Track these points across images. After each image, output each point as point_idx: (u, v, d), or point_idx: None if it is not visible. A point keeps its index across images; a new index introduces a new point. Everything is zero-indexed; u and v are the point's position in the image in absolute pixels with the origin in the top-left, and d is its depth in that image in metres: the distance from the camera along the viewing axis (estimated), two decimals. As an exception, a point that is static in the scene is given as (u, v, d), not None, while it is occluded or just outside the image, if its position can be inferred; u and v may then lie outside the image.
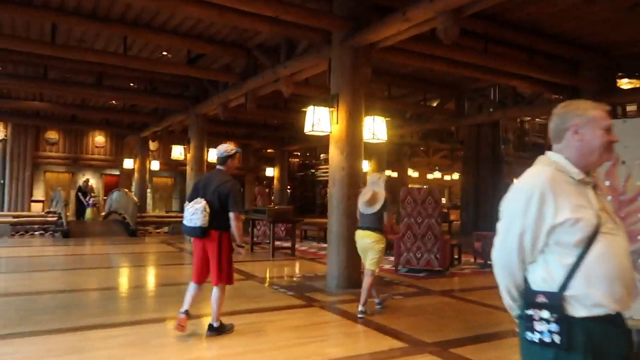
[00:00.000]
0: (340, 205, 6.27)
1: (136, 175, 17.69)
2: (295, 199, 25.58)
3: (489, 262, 8.62)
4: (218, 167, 4.10)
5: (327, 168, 26.05)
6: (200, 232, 3.86)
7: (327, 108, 6.22)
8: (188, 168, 12.33)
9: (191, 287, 4.12)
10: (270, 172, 21.60)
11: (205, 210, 3.82)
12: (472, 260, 9.15)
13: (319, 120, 6.17)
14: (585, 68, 8.82)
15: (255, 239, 10.49)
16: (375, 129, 6.68)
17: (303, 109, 6.14)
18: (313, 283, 6.55)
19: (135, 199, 13.71)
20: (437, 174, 29.87)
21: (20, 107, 15.11)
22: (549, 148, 1.62)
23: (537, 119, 27.65)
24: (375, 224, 4.77)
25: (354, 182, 6.33)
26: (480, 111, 12.26)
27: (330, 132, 6.32)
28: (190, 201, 3.95)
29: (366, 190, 4.95)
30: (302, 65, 7.47)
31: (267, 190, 15.27)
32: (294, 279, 7.03)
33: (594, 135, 1.50)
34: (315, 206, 27.19)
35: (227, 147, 4.11)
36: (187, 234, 3.97)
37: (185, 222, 3.91)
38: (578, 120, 1.52)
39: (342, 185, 6.29)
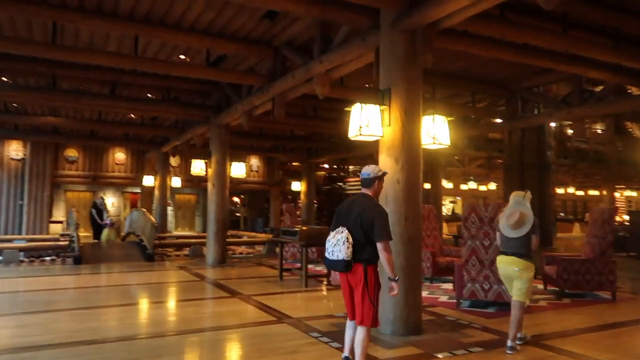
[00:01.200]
0: (396, 229, 4.93)
1: (156, 192, 16.75)
2: (322, 214, 24.32)
3: (566, 290, 7.20)
4: (363, 190, 3.71)
5: (356, 180, 24.93)
6: (344, 266, 3.47)
7: (377, 106, 4.93)
8: (209, 184, 11.19)
9: (348, 326, 3.74)
10: (296, 186, 20.41)
11: (348, 241, 3.44)
12: (540, 287, 7.72)
13: (368, 121, 4.88)
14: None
15: (283, 263, 9.10)
16: (436, 131, 5.34)
17: (346, 109, 4.91)
18: (362, 326, 5.20)
19: (153, 219, 12.61)
20: (471, 184, 28.32)
21: (36, 123, 14.44)
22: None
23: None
24: (523, 249, 4.42)
25: (413, 198, 5.02)
26: (537, 112, 10.77)
27: (381, 137, 5.04)
28: (332, 230, 3.58)
29: (511, 211, 4.50)
30: (342, 58, 6.20)
31: (294, 207, 13.99)
32: (336, 319, 5.68)
33: None
34: (343, 222, 25.77)
35: (375, 168, 3.72)
36: (330, 267, 3.66)
37: (327, 254, 3.57)
38: None
39: (398, 202, 4.99)
